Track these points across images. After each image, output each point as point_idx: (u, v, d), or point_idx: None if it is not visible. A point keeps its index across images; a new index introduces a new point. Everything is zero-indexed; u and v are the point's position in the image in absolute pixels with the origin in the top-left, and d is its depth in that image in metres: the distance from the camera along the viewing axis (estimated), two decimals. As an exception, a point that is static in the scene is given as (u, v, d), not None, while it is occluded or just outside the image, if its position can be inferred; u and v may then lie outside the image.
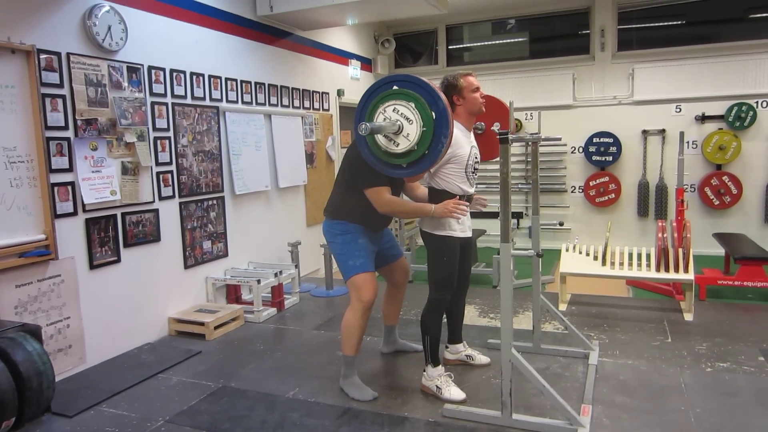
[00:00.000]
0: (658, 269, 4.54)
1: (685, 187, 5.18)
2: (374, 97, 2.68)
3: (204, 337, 4.10)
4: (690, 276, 4.38)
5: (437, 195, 3.04)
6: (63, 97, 3.41)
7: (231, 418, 2.93)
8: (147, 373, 3.51)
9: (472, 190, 3.16)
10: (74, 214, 3.51)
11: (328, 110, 6.44)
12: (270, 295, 4.80)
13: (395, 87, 2.62)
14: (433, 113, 2.56)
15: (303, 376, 3.44)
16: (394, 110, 2.61)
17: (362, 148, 2.77)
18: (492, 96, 3.36)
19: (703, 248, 6.36)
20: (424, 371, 3.13)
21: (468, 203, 3.07)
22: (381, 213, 3.01)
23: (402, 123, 2.59)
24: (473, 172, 3.13)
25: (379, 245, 3.29)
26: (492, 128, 3.41)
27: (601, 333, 4.03)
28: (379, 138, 2.66)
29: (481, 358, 3.49)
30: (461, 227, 3.08)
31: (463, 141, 3.01)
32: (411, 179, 3.09)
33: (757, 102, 6.40)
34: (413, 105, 2.57)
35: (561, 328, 4.09)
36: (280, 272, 4.80)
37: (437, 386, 3.04)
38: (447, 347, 3.50)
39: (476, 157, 3.14)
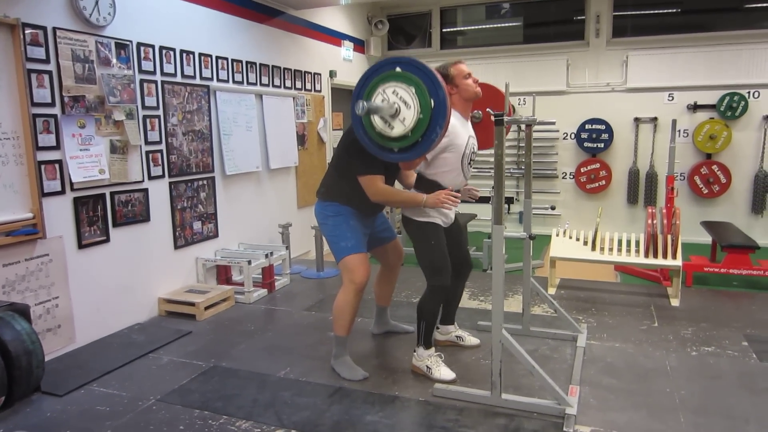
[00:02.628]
0: (646, 255, 4.58)
1: (675, 175, 5.21)
2: (376, 75, 2.63)
3: (194, 317, 4.09)
4: (678, 262, 4.42)
5: (425, 184, 3.03)
6: (49, 73, 3.35)
7: (222, 396, 2.93)
8: (137, 352, 3.50)
9: (464, 182, 3.15)
10: (62, 192, 3.47)
11: (320, 91, 6.39)
12: (260, 276, 4.79)
13: (398, 69, 2.57)
14: (432, 101, 2.52)
15: (294, 355, 3.45)
16: (393, 92, 2.56)
17: (356, 126, 2.74)
18: (487, 83, 3.34)
19: (690, 236, 6.42)
20: (415, 351, 3.15)
21: (459, 193, 3.05)
22: (373, 201, 3.00)
23: (400, 106, 2.55)
24: (470, 163, 3.12)
25: (372, 228, 3.28)
26: (486, 110, 3.40)
27: (589, 317, 4.07)
28: (375, 119, 2.63)
29: (471, 340, 3.52)
30: (442, 216, 3.06)
31: (460, 130, 2.99)
32: (406, 166, 3.07)
33: (749, 92, 6.43)
34: (413, 90, 2.53)
35: (550, 312, 4.12)
36: (271, 253, 4.79)
37: (428, 366, 3.07)
38: (438, 328, 3.51)
39: (474, 147, 3.13)
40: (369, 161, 2.86)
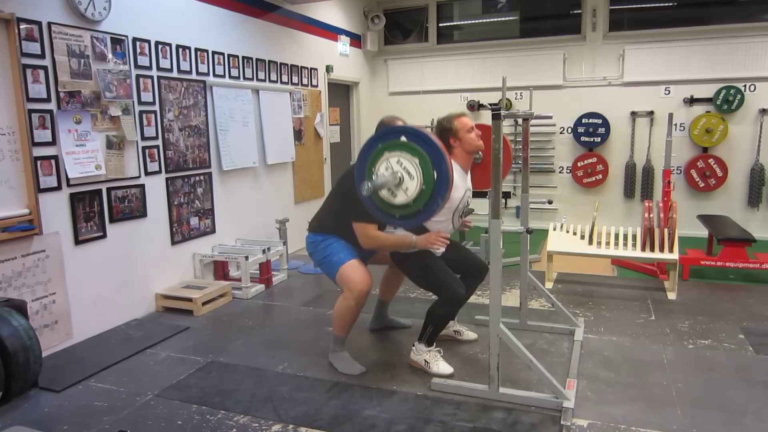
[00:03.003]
0: (643, 249, 4.59)
1: (672, 168, 5.22)
2: (381, 142, 2.64)
3: (192, 313, 4.09)
4: (674, 256, 4.44)
5: (415, 228, 3.02)
6: (45, 68, 3.33)
7: (220, 392, 2.93)
8: (135, 348, 3.50)
9: (452, 230, 3.19)
10: (58, 188, 3.46)
11: (316, 86, 6.37)
12: (258, 271, 4.79)
13: (403, 138, 2.59)
14: (435, 173, 2.53)
15: (292, 351, 3.45)
16: (398, 162, 2.59)
17: (359, 186, 2.74)
18: (485, 125, 3.34)
19: (687, 230, 6.43)
20: (414, 346, 3.15)
21: (449, 237, 3.06)
22: (365, 247, 3.04)
23: (403, 176, 2.58)
24: (461, 216, 3.19)
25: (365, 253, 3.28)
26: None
27: (586, 310, 4.08)
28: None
29: (469, 334, 3.53)
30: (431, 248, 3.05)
31: (458, 183, 2.99)
32: None
33: (745, 85, 6.44)
34: (417, 161, 2.55)
35: (547, 306, 4.13)
36: (268, 249, 4.79)
37: (426, 360, 3.07)
38: None
39: (468, 200, 3.18)
40: (364, 209, 2.86)
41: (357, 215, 2.94)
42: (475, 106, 7.39)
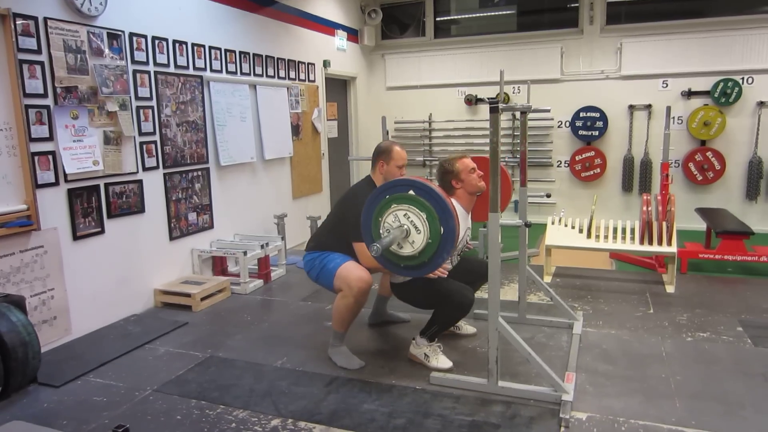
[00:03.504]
0: (641, 242, 4.60)
1: (670, 162, 5.22)
2: (390, 193, 2.68)
3: (190, 308, 4.09)
4: (673, 249, 4.44)
5: None
6: (41, 63, 3.32)
7: (219, 386, 2.94)
8: (134, 343, 3.50)
9: (450, 266, 3.22)
10: (56, 184, 3.45)
11: (314, 81, 6.35)
12: (256, 267, 4.79)
13: (412, 192, 2.62)
14: (442, 229, 2.58)
15: (290, 345, 3.45)
16: (405, 215, 2.64)
17: (366, 236, 2.80)
18: (485, 158, 3.36)
19: (685, 223, 6.44)
20: (414, 339, 3.16)
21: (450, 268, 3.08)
22: (365, 266, 3.06)
23: (410, 229, 2.64)
24: (459, 254, 3.24)
25: None
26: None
27: (584, 304, 4.09)
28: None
29: (468, 328, 3.53)
30: None
31: (460, 224, 2.99)
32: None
33: (742, 78, 6.43)
34: (425, 216, 2.60)
35: (546, 299, 4.14)
36: (267, 244, 4.78)
37: (425, 354, 3.08)
38: None
39: (467, 239, 3.22)
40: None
41: (357, 235, 2.95)
42: (472, 101, 7.39)
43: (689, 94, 6.63)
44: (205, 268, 4.71)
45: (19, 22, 3.18)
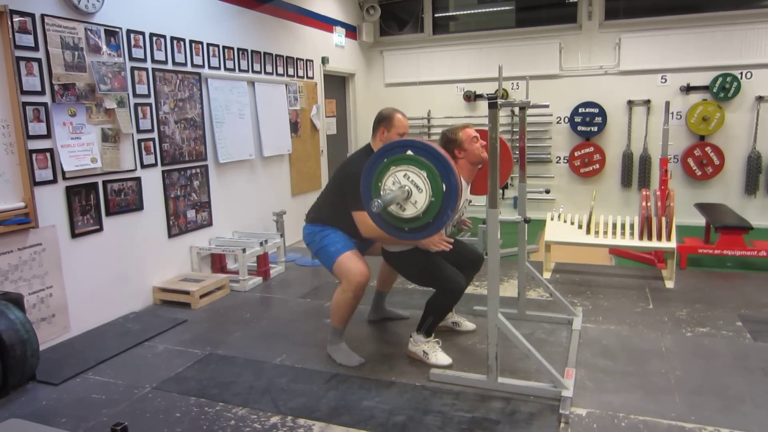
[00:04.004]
0: (641, 238, 4.59)
1: (669, 157, 5.22)
2: (387, 156, 2.62)
3: (189, 306, 4.09)
4: (672, 244, 4.44)
5: None
6: (39, 60, 3.31)
7: (218, 384, 2.93)
8: (133, 341, 3.50)
9: (451, 229, 3.21)
10: (54, 181, 3.44)
11: (312, 78, 6.34)
12: (255, 264, 4.78)
13: (410, 152, 2.56)
14: (444, 185, 2.51)
15: (290, 343, 3.45)
16: (405, 176, 2.57)
17: (366, 200, 2.72)
18: (485, 131, 3.34)
19: (684, 218, 6.44)
20: (411, 337, 3.15)
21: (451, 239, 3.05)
22: (365, 236, 3.02)
23: (411, 189, 2.56)
24: (455, 225, 3.22)
25: (363, 245, 3.26)
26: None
27: (584, 300, 4.09)
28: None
29: (467, 325, 3.53)
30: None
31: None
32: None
33: (741, 73, 6.42)
34: (425, 174, 2.53)
35: (545, 295, 4.13)
36: (266, 241, 4.77)
37: (424, 351, 3.07)
38: None
39: (464, 209, 3.19)
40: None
41: (356, 204, 2.91)
42: (471, 97, 7.38)
43: (688, 89, 6.63)
44: (204, 265, 4.70)
45: (16, 19, 3.17)
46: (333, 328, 3.19)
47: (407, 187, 2.56)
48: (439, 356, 3.05)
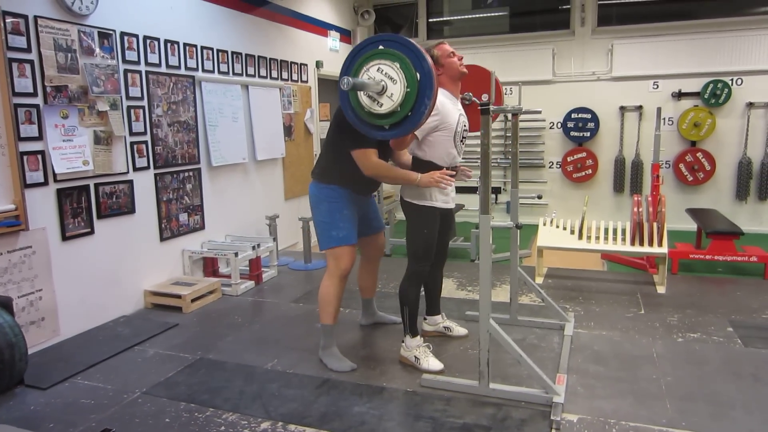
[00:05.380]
0: (633, 243, 4.61)
1: (661, 163, 5.25)
2: (359, 56, 2.60)
3: (181, 310, 4.07)
4: (663, 250, 4.46)
5: (422, 165, 3.02)
6: (31, 62, 3.29)
7: (209, 389, 2.91)
8: (123, 345, 3.47)
9: (459, 159, 3.15)
10: (45, 184, 3.42)
11: (306, 82, 6.34)
12: (248, 268, 4.76)
13: (381, 47, 2.54)
14: (418, 74, 2.49)
15: (281, 347, 3.43)
16: (378, 70, 2.53)
17: (345, 108, 2.70)
18: (474, 65, 3.34)
19: (676, 223, 6.48)
20: (403, 342, 3.15)
21: (454, 174, 3.04)
22: (366, 176, 2.98)
23: (386, 83, 2.52)
24: (462, 141, 3.12)
25: (365, 210, 3.27)
26: (469, 96, 3.40)
27: (576, 305, 4.10)
28: (362, 97, 2.59)
29: (459, 330, 3.53)
30: (444, 198, 3.07)
31: (451, 108, 2.99)
32: (398, 146, 3.05)
33: (732, 79, 6.48)
34: (398, 65, 2.50)
35: (537, 301, 4.14)
36: (258, 245, 4.76)
37: (416, 357, 3.07)
38: (425, 319, 3.52)
39: (465, 125, 3.12)
40: (360, 136, 2.84)
41: (354, 143, 2.91)
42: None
43: (679, 95, 6.68)
44: (195, 269, 4.68)
45: (8, 20, 3.15)
46: (323, 329, 3.18)
47: (383, 82, 2.52)
48: (430, 362, 3.05)
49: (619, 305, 4.08)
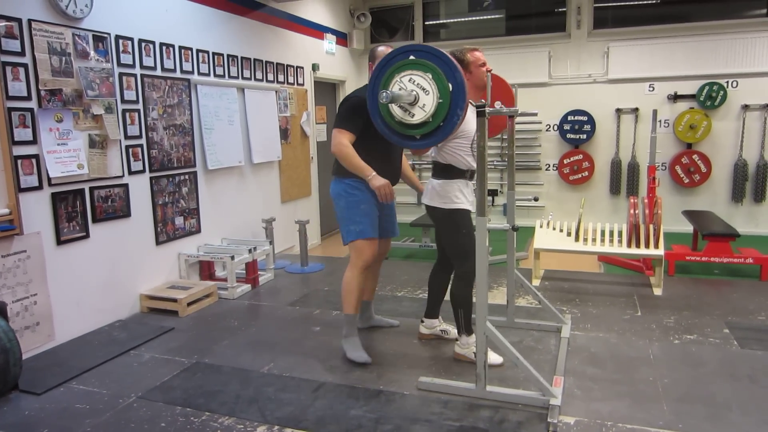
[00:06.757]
0: (629, 245, 4.62)
1: (657, 165, 5.26)
2: (389, 66, 2.61)
3: (177, 313, 4.05)
4: (660, 252, 4.46)
5: (444, 170, 3.06)
6: (25, 66, 3.28)
7: (205, 393, 2.90)
8: (118, 349, 3.46)
9: (475, 166, 3.15)
10: (39, 188, 3.40)
11: (302, 85, 6.33)
12: (244, 271, 4.75)
13: (411, 57, 2.56)
14: (450, 85, 2.51)
15: (278, 351, 3.42)
16: (410, 80, 2.55)
17: (374, 117, 2.74)
18: (497, 75, 3.35)
19: (672, 225, 6.49)
20: (458, 340, 3.19)
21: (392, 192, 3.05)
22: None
23: (418, 93, 2.54)
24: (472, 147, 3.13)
25: (383, 210, 3.30)
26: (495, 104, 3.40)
27: (573, 307, 4.09)
28: (394, 108, 2.61)
29: (456, 333, 3.51)
30: (467, 199, 3.07)
31: (470, 116, 2.98)
32: (418, 152, 3.08)
33: (727, 82, 6.50)
34: (430, 76, 2.53)
35: (534, 303, 4.14)
36: (254, 249, 4.75)
37: (475, 353, 3.03)
38: (422, 321, 3.51)
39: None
40: (347, 120, 2.94)
41: (338, 122, 3.01)
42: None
43: (675, 97, 6.69)
44: (192, 272, 4.67)
45: (2, 23, 3.14)
46: (346, 318, 3.24)
47: (414, 92, 2.53)
48: (491, 356, 3.03)
49: (615, 307, 4.08)
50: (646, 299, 4.25)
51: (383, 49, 3.16)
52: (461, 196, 3.05)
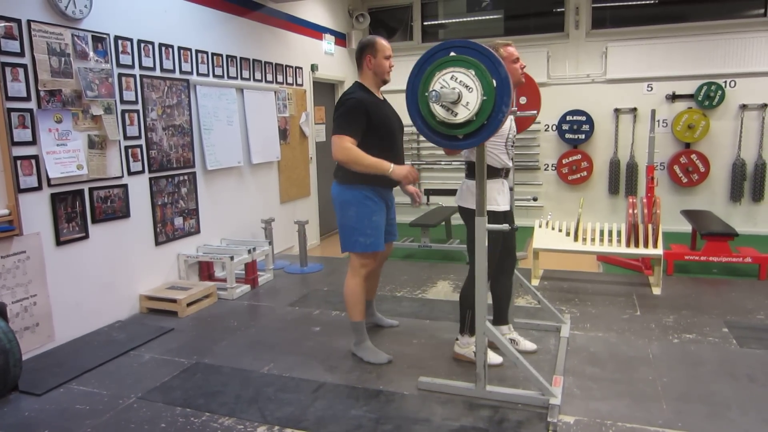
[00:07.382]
0: (628, 245, 4.62)
1: (655, 164, 5.26)
2: (430, 64, 2.51)
3: (176, 314, 4.05)
4: (659, 251, 4.47)
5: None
6: (24, 66, 3.28)
7: (205, 393, 2.90)
8: (118, 350, 3.46)
9: (510, 164, 3.14)
10: (39, 188, 3.40)
11: (301, 85, 6.34)
12: (243, 272, 4.75)
13: (452, 53, 2.46)
14: (494, 81, 2.39)
15: (277, 351, 3.42)
16: (452, 78, 2.43)
17: (414, 117, 2.62)
18: (526, 74, 3.33)
19: (671, 225, 6.50)
20: (457, 339, 3.18)
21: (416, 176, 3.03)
22: (334, 159, 3.00)
23: (461, 91, 2.43)
24: (512, 146, 3.11)
25: (387, 215, 3.28)
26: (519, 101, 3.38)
27: (572, 307, 4.10)
28: (436, 108, 2.49)
29: (527, 344, 3.34)
30: (503, 199, 3.04)
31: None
32: (451, 152, 3.02)
33: (725, 81, 6.51)
34: (473, 72, 2.41)
35: (534, 303, 4.14)
36: (254, 249, 4.75)
37: (474, 352, 3.02)
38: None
39: (514, 131, 3.11)
40: (346, 124, 2.89)
41: (336, 128, 2.95)
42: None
43: (673, 97, 6.70)
44: (191, 273, 4.67)
45: (1, 24, 3.14)
46: (354, 326, 3.24)
47: (457, 90, 2.42)
48: (490, 356, 3.03)
49: (614, 307, 4.09)
50: (645, 299, 4.26)
51: (370, 38, 3.11)
52: (498, 197, 3.01)
